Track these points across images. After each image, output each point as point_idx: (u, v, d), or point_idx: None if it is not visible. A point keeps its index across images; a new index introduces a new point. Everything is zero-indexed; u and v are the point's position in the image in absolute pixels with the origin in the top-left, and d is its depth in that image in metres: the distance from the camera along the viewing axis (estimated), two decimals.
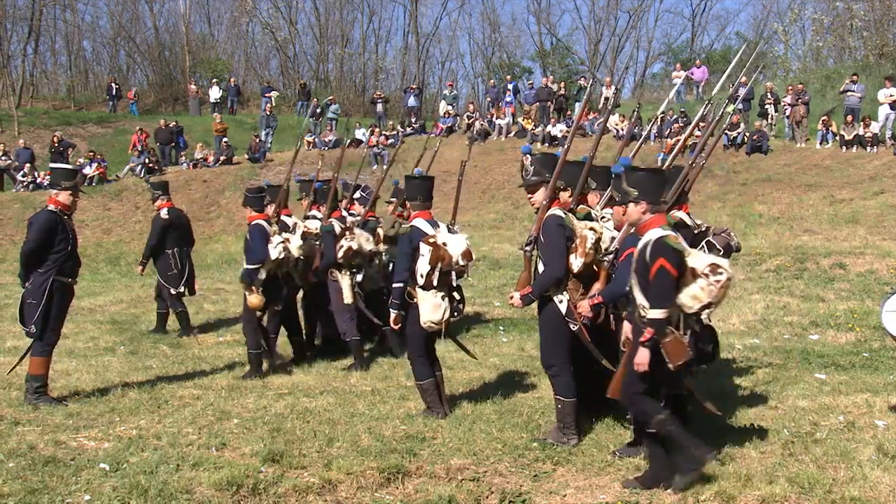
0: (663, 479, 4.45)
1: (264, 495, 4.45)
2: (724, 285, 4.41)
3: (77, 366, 7.99)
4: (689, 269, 4.39)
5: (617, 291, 5.00)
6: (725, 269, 4.41)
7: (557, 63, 38.76)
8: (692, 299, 4.38)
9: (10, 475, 4.56)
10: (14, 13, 35.41)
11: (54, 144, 23.73)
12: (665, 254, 4.33)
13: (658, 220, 4.52)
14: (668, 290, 4.35)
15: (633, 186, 4.57)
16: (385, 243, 8.33)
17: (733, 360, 7.91)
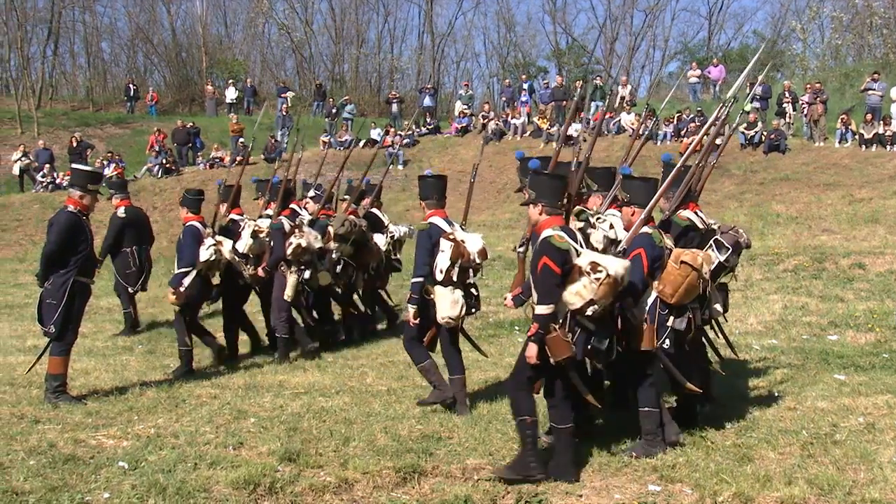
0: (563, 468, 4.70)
1: (281, 494, 4.46)
2: (605, 283, 4.46)
3: (96, 365, 8.07)
4: (575, 268, 4.52)
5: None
6: (605, 268, 4.48)
7: (573, 62, 38.66)
8: (575, 296, 4.50)
9: (31, 472, 4.60)
10: (34, 15, 35.79)
11: (73, 145, 23.98)
12: (548, 252, 4.52)
13: (552, 220, 4.69)
14: (550, 287, 4.52)
15: (533, 189, 4.77)
16: (335, 241, 8.47)
17: (751, 361, 7.85)
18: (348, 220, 8.53)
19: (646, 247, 4.99)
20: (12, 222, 20.87)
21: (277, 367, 7.90)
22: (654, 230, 5.10)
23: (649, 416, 5.06)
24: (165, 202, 21.08)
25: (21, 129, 29.05)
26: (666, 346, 5.11)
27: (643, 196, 5.10)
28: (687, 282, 4.98)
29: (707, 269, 5.13)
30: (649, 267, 4.99)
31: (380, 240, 9.15)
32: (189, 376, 7.55)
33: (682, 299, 5.04)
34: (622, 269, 4.57)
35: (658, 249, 5.05)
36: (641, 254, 4.97)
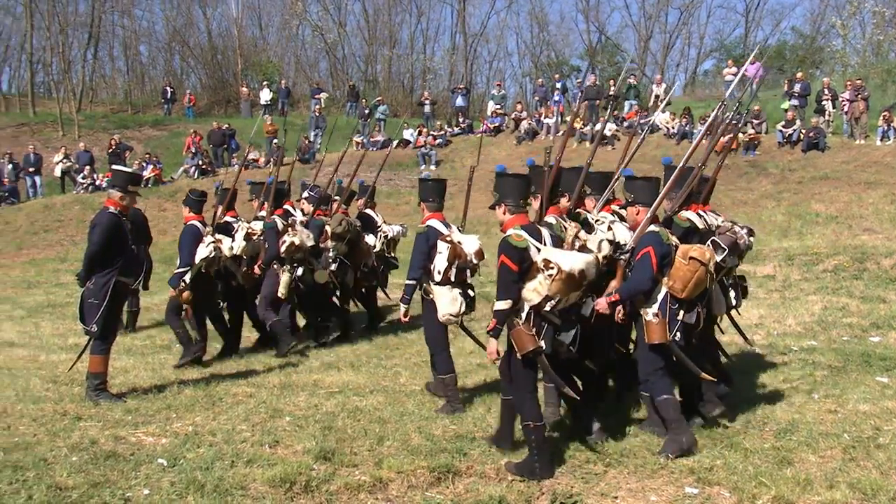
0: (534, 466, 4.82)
1: (316, 492, 4.50)
2: (557, 279, 4.62)
3: (135, 363, 8.20)
4: (533, 265, 4.70)
5: (633, 288, 5.23)
6: (557, 264, 4.64)
7: (606, 61, 38.38)
8: (532, 293, 4.70)
9: (74, 469, 4.69)
10: (75, 20, 36.53)
11: (112, 147, 24.41)
12: (506, 251, 4.72)
13: (515, 219, 4.90)
14: (508, 284, 4.72)
15: (497, 190, 5.04)
16: (332, 240, 8.67)
17: (790, 363, 7.72)
18: (345, 220, 8.72)
19: (654, 245, 5.16)
20: (54, 223, 21.31)
21: (312, 367, 7.96)
22: (660, 228, 5.29)
23: (667, 404, 5.17)
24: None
25: (62, 132, 29.69)
26: (677, 339, 5.24)
27: (647, 195, 5.34)
28: (696, 276, 5.13)
29: (713, 264, 5.28)
30: (658, 264, 5.14)
31: (370, 240, 9.39)
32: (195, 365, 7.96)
33: (692, 293, 5.18)
34: (579, 265, 4.70)
35: (665, 247, 5.20)
36: (650, 252, 5.14)
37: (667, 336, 5.13)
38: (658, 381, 5.22)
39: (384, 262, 9.76)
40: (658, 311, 5.17)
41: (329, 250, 8.74)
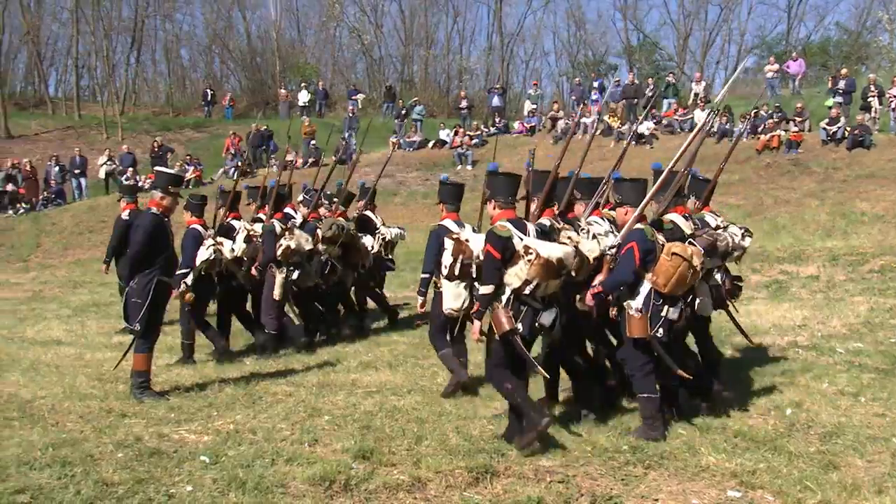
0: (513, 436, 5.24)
1: (355, 491, 4.52)
2: (536, 264, 5.02)
3: (178, 361, 8.32)
4: (515, 253, 5.09)
5: (615, 280, 5.52)
6: (535, 250, 5.04)
7: (644, 59, 37.99)
8: (514, 277, 5.09)
9: (119, 465, 4.78)
10: (119, 25, 37.29)
11: (155, 149, 24.86)
12: (490, 240, 5.14)
13: (503, 214, 5.34)
14: (490, 270, 5.12)
15: (488, 188, 5.54)
16: (323, 243, 8.82)
17: (834, 365, 7.56)
18: (335, 224, 8.88)
19: (637, 241, 5.43)
20: (98, 223, 21.74)
21: (350, 366, 8.01)
22: (646, 226, 5.54)
23: (649, 402, 5.44)
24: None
25: (106, 135, 30.31)
26: (660, 334, 5.42)
27: (634, 196, 5.65)
28: (678, 272, 5.33)
29: (698, 261, 5.44)
30: (641, 259, 5.40)
31: (367, 241, 9.53)
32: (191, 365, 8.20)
33: (675, 289, 5.38)
34: (557, 253, 5.09)
35: (649, 243, 5.44)
36: (633, 247, 5.43)
37: (647, 331, 5.37)
38: (642, 379, 5.48)
39: (381, 263, 9.91)
40: (641, 306, 5.41)
41: (320, 254, 8.91)
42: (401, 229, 10.25)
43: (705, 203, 6.76)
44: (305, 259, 8.71)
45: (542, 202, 5.83)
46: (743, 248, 6.51)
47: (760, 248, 13.47)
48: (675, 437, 5.37)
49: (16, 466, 4.69)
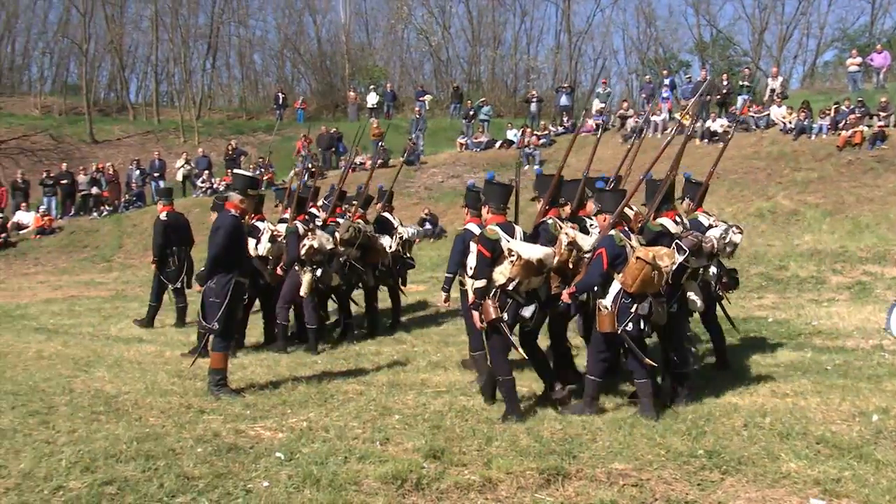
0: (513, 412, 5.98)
1: (427, 490, 4.54)
2: (518, 264, 5.80)
3: (251, 360, 8.53)
4: (502, 254, 5.89)
5: (585, 282, 6.17)
6: (517, 252, 5.82)
7: (717, 55, 37.05)
8: (499, 275, 5.90)
9: (199, 459, 4.93)
10: (196, 32, 38.48)
11: (229, 152, 25.53)
12: (481, 241, 6.00)
13: (495, 218, 6.16)
14: (481, 266, 5.95)
15: (484, 195, 6.39)
16: (341, 245, 9.23)
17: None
18: (353, 226, 9.28)
19: (606, 246, 6.02)
20: None
21: (419, 366, 8.07)
22: (616, 232, 6.06)
23: (592, 384, 6.16)
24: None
25: (183, 138, 31.30)
26: (629, 328, 5.96)
27: (612, 205, 6.18)
28: (643, 274, 5.81)
29: (666, 264, 5.90)
30: (609, 262, 5.97)
31: (385, 241, 9.87)
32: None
33: (640, 289, 5.87)
34: (537, 254, 5.85)
35: (618, 248, 6.00)
36: (602, 252, 6.02)
37: (615, 326, 5.96)
38: (597, 365, 6.15)
39: (401, 261, 10.28)
40: (610, 304, 5.98)
41: (340, 255, 9.26)
42: (417, 229, 10.62)
43: (698, 205, 7.32)
44: (327, 259, 9.05)
45: (546, 203, 6.81)
46: (735, 245, 7.02)
47: (841, 249, 12.99)
48: (753, 443, 5.23)
49: (104, 459, 4.88)
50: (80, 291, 15.95)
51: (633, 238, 6.10)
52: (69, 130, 31.70)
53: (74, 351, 9.25)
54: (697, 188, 7.37)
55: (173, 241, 10.81)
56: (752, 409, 6.05)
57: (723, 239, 6.82)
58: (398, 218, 10.65)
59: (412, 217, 19.90)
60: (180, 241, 10.93)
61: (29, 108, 35.30)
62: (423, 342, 9.30)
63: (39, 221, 22.65)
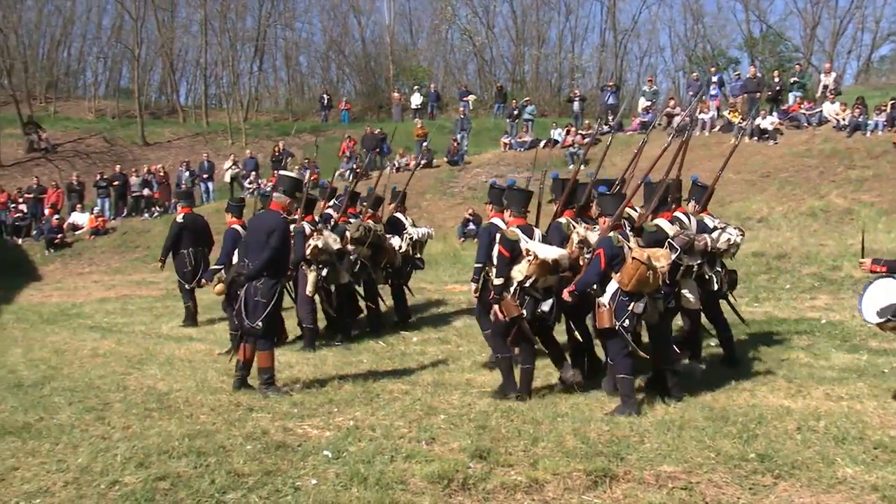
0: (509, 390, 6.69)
1: (473, 491, 4.54)
2: (534, 263, 6.35)
3: (297, 359, 8.63)
4: (521, 254, 6.43)
5: (584, 281, 6.45)
6: (535, 252, 6.37)
7: (768, 51, 36.28)
8: (518, 273, 6.45)
9: (249, 456, 5.00)
10: (243, 35, 39.10)
11: (275, 154, 25.87)
12: (502, 242, 6.57)
13: (515, 221, 6.74)
14: (501, 265, 6.53)
15: (506, 199, 6.98)
16: (352, 244, 9.55)
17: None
18: (362, 226, 9.57)
19: (605, 247, 6.35)
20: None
21: (464, 366, 8.09)
22: (615, 234, 6.39)
23: (624, 382, 6.30)
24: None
25: (231, 140, 31.81)
26: (626, 324, 6.25)
27: (611, 208, 6.56)
28: (638, 273, 6.09)
29: (663, 264, 6.20)
30: (607, 262, 6.29)
31: (395, 241, 10.14)
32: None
33: (636, 287, 6.16)
34: (553, 255, 6.41)
35: (616, 249, 6.30)
36: (600, 253, 6.34)
37: (613, 322, 6.21)
38: (622, 362, 6.29)
39: (410, 262, 10.49)
40: (608, 301, 6.25)
41: (350, 253, 9.57)
42: (428, 229, 10.96)
43: (704, 207, 7.74)
44: (336, 258, 9.31)
45: (562, 204, 7.35)
46: (737, 246, 7.48)
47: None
48: (807, 447, 5.12)
49: (157, 454, 4.99)
50: (132, 291, 16.33)
51: (631, 239, 6.39)
52: (122, 133, 32.46)
53: (128, 349, 9.49)
54: (703, 191, 7.80)
55: (189, 243, 11.13)
56: (806, 413, 5.92)
57: (718, 238, 7.21)
58: (410, 218, 10.93)
59: (456, 217, 19.93)
60: (196, 242, 11.23)
61: (84, 112, 36.23)
62: (468, 342, 9.30)
63: (93, 222, 23.22)
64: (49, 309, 13.58)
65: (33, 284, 18.16)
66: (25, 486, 4.54)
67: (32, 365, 8.54)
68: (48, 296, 16.00)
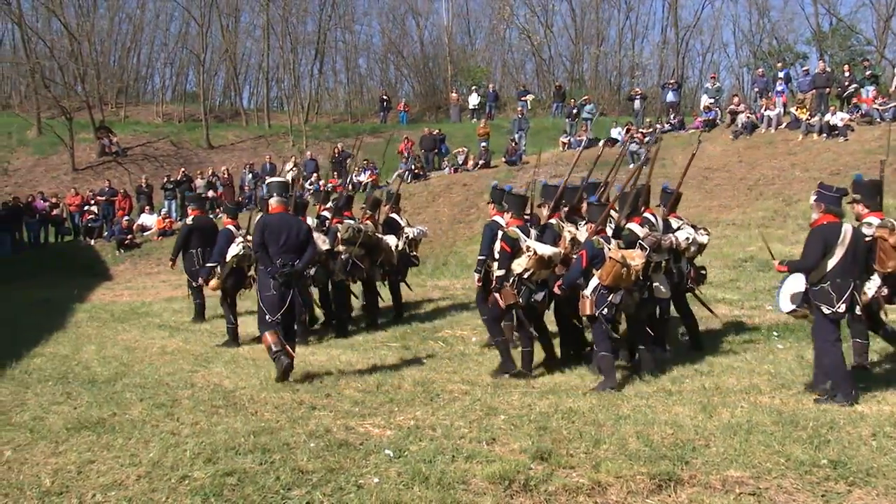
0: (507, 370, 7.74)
1: (535, 492, 4.51)
2: (534, 258, 7.41)
3: (358, 358, 8.74)
4: (521, 249, 7.48)
5: (569, 278, 7.50)
6: (534, 249, 7.44)
7: (837, 45, 35.12)
8: (518, 265, 7.47)
9: (312, 454, 5.07)
10: (304, 38, 39.76)
11: (335, 155, 26.21)
12: (504, 239, 7.57)
13: (515, 221, 7.75)
14: (503, 259, 7.53)
15: (506, 203, 7.92)
16: (343, 244, 10.07)
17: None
18: (353, 227, 10.16)
19: (587, 248, 7.40)
20: None
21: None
22: (597, 238, 7.42)
23: (604, 359, 7.27)
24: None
25: (292, 142, 32.38)
26: (605, 313, 7.22)
27: (596, 216, 7.62)
28: (614, 270, 7.06)
29: (637, 262, 7.10)
30: (588, 261, 7.31)
31: (391, 240, 10.69)
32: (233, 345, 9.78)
33: (612, 283, 7.12)
34: (549, 252, 7.50)
35: (596, 250, 7.33)
36: (583, 254, 7.39)
37: (593, 310, 7.24)
38: (601, 344, 7.28)
39: (406, 260, 11.12)
40: (590, 294, 7.26)
41: (342, 253, 10.09)
42: (423, 229, 11.62)
43: (671, 210, 8.65)
44: (329, 258, 10.03)
45: (553, 207, 8.39)
46: (699, 244, 8.49)
47: None
48: (884, 454, 4.93)
49: (224, 451, 5.11)
50: None
51: (612, 241, 7.36)
52: (187, 136, 33.36)
53: (194, 347, 9.75)
54: (670, 196, 8.73)
55: (198, 243, 11.62)
56: (881, 419, 5.72)
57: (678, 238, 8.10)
58: (405, 218, 11.67)
59: None
60: (204, 242, 11.57)
61: (152, 117, 37.35)
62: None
63: (161, 223, 23.89)
64: (120, 308, 14.04)
65: (105, 284, 18.80)
66: (101, 480, 4.71)
67: (105, 362, 8.85)
68: (119, 295, 16.55)
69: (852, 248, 6.40)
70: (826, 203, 6.58)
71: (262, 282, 7.54)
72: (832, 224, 6.47)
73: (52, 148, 30.23)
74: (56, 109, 31.08)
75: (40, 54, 33.30)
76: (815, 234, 6.49)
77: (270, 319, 7.36)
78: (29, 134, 31.81)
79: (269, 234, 7.39)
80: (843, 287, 6.34)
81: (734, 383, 7.07)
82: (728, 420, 5.81)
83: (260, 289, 7.67)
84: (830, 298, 6.36)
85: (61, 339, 10.66)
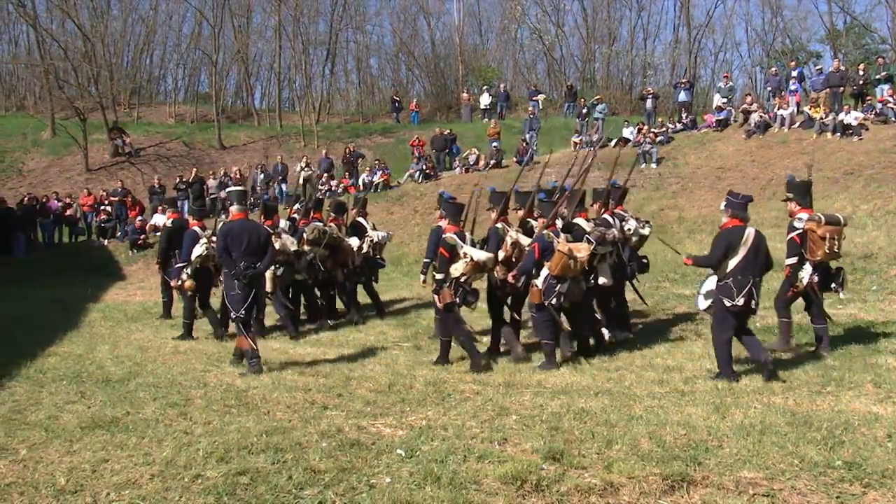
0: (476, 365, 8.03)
1: (547, 492, 4.50)
2: (469, 264, 7.90)
3: (370, 359, 8.76)
4: (458, 255, 7.94)
5: (522, 269, 8.10)
6: (469, 255, 7.91)
7: (852, 44, 34.87)
8: (455, 270, 7.93)
9: (324, 454, 5.08)
10: (316, 39, 39.86)
11: (346, 155, 26.25)
12: (443, 245, 8.07)
13: (452, 228, 8.24)
14: (443, 263, 8.03)
15: (444, 210, 8.54)
16: (308, 245, 10.69)
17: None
18: (317, 229, 10.71)
19: (539, 242, 8.04)
20: None
21: (535, 366, 8.04)
22: (548, 232, 8.08)
23: (547, 346, 8.12)
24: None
25: (304, 142, 32.46)
26: (553, 302, 7.90)
27: (546, 212, 8.37)
28: (562, 262, 7.73)
29: (583, 255, 7.80)
30: (540, 253, 7.95)
31: (354, 242, 11.27)
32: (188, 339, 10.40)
33: (560, 273, 7.78)
34: (483, 258, 7.97)
35: (547, 243, 7.98)
36: (535, 246, 8.01)
37: (541, 299, 7.92)
38: (545, 330, 8.05)
39: (373, 262, 11.72)
40: (540, 284, 7.90)
41: (307, 254, 10.68)
42: (387, 233, 12.26)
43: (618, 203, 9.51)
44: (295, 258, 10.62)
45: (499, 213, 8.70)
46: (640, 235, 9.43)
47: None
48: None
49: (237, 450, 5.13)
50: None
51: (561, 236, 7.98)
52: (200, 137, 33.50)
53: (206, 346, 9.79)
54: (617, 191, 9.64)
55: (176, 244, 11.64)
56: None
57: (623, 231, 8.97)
58: (371, 222, 12.21)
59: None
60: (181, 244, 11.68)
61: (164, 117, 37.55)
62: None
63: None
64: (133, 307, 14.13)
65: (118, 284, 18.94)
66: (115, 478, 4.73)
67: (119, 361, 8.91)
68: (132, 295, 16.65)
69: (754, 248, 7.12)
70: (733, 209, 7.25)
71: (227, 283, 8.19)
72: (737, 227, 7.20)
73: (65, 148, 30.45)
74: (70, 110, 31.32)
75: (54, 55, 33.50)
76: (721, 236, 7.25)
77: (235, 315, 8.01)
78: (43, 135, 32.05)
79: (231, 240, 7.95)
80: (743, 283, 7.07)
81: (747, 384, 7.03)
82: (741, 421, 5.77)
83: (225, 289, 8.49)
84: (732, 292, 7.08)
85: (75, 339, 10.75)
